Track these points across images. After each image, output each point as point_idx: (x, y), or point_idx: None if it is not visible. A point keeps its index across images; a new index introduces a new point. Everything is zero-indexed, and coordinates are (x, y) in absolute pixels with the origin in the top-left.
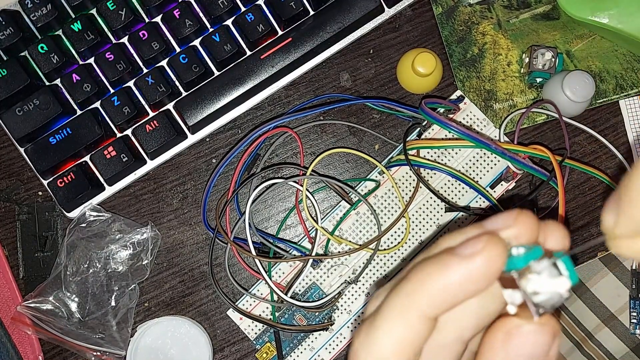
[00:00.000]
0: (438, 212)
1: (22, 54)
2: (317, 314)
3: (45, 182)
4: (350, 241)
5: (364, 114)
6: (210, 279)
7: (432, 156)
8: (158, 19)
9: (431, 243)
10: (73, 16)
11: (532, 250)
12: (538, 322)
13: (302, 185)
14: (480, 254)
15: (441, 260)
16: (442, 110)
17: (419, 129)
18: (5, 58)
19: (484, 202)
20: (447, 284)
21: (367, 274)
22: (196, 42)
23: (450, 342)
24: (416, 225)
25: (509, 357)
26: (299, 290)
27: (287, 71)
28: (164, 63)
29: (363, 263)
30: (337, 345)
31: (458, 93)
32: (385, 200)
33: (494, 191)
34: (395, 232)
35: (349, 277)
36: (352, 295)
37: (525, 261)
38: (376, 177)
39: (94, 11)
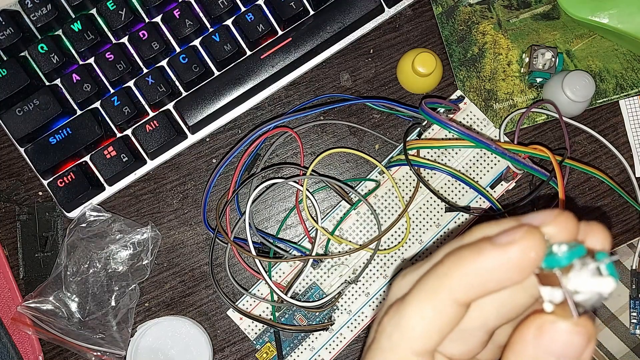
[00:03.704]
0: (438, 212)
1: (22, 54)
2: (317, 314)
3: (45, 182)
4: (350, 241)
5: (364, 114)
6: (211, 279)
7: (432, 156)
8: (158, 19)
9: (431, 243)
10: (73, 16)
11: (575, 248)
12: (574, 322)
13: (302, 185)
14: (517, 244)
15: (476, 246)
16: (442, 110)
17: (419, 129)
18: (5, 58)
19: (484, 202)
20: (480, 270)
21: (367, 274)
22: (196, 42)
23: (473, 328)
24: (416, 225)
25: (539, 353)
26: (299, 290)
27: (287, 71)
28: (164, 63)
29: (363, 263)
30: (337, 345)
31: (458, 93)
32: (386, 200)
33: (494, 191)
34: (396, 232)
35: (349, 277)
36: (352, 295)
37: (569, 259)
38: (376, 177)
39: (94, 11)
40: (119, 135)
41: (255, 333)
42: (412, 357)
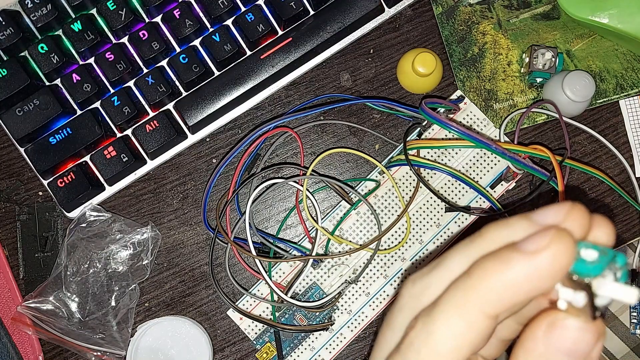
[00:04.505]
0: (438, 212)
1: (22, 54)
2: (317, 314)
3: (45, 182)
4: (350, 241)
5: (364, 114)
6: (211, 279)
7: (432, 156)
8: (158, 19)
9: (431, 243)
10: (73, 16)
11: (606, 255)
12: (585, 320)
13: (302, 185)
14: (547, 250)
15: (502, 256)
16: (442, 110)
17: (419, 129)
18: (5, 58)
19: (484, 202)
20: (509, 282)
21: (367, 274)
22: (196, 42)
23: None
24: (416, 225)
25: (549, 350)
26: (299, 290)
27: (287, 71)
28: (164, 63)
29: (363, 263)
30: (337, 345)
31: (458, 93)
32: (386, 200)
33: (494, 191)
34: (396, 232)
35: (349, 277)
36: (353, 295)
37: (601, 269)
38: (376, 177)
39: (94, 11)
40: (119, 135)
41: (255, 333)
42: None
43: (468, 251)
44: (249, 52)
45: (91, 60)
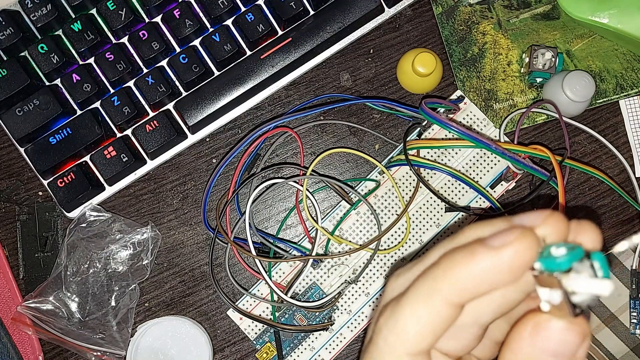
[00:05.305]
0: (438, 212)
1: (22, 54)
2: (317, 314)
3: (45, 182)
4: (350, 241)
5: (364, 114)
6: (211, 279)
7: (432, 156)
8: (158, 19)
9: (431, 243)
10: (73, 16)
11: (574, 250)
12: (569, 321)
13: (302, 185)
14: (510, 247)
15: (469, 249)
16: (442, 110)
17: (419, 129)
18: (5, 58)
19: (484, 202)
20: (473, 273)
21: (367, 274)
22: (196, 42)
23: (467, 324)
24: (416, 225)
25: (534, 351)
26: (299, 290)
27: (287, 71)
28: (164, 63)
29: (363, 263)
30: (337, 345)
31: (458, 93)
32: (386, 200)
33: (494, 191)
34: (396, 232)
35: (349, 277)
36: (352, 295)
37: (569, 263)
38: (376, 177)
39: (94, 11)
40: (119, 135)
41: (255, 333)
42: (407, 358)
43: (448, 247)
44: (249, 52)
45: (91, 60)
